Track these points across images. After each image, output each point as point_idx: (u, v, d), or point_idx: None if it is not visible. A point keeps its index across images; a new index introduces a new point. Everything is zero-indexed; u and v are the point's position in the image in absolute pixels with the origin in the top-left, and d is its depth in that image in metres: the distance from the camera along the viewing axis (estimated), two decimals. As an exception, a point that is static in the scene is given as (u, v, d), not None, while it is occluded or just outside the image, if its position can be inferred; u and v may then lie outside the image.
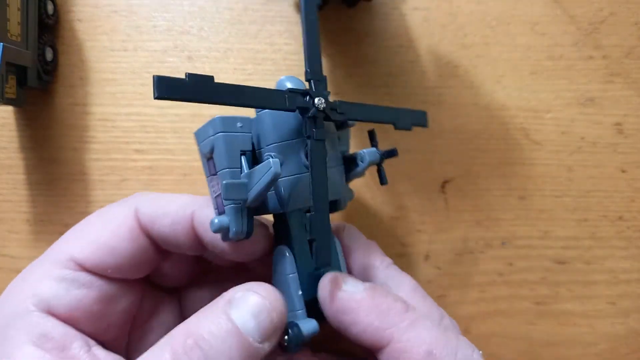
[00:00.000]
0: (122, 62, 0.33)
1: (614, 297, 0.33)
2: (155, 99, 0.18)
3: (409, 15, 0.33)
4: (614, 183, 0.34)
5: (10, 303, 0.21)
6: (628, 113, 0.34)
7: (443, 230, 0.33)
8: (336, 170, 0.24)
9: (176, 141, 0.33)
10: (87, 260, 0.22)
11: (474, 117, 0.33)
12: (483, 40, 0.34)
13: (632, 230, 0.33)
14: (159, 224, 0.23)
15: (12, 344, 0.20)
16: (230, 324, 0.19)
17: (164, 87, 0.18)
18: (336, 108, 0.22)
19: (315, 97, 0.21)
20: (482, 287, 0.33)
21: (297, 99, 0.21)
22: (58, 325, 0.21)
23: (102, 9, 0.33)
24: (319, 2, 0.22)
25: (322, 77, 0.22)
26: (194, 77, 0.19)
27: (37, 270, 0.22)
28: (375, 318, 0.21)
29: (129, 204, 0.23)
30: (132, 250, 0.23)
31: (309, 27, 0.22)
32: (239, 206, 0.21)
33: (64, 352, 0.20)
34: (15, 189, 0.33)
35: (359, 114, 0.24)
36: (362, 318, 0.21)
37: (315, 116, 0.21)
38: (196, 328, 0.19)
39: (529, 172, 0.33)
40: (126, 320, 0.24)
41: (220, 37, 0.33)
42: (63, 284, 0.21)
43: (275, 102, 0.21)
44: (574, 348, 0.33)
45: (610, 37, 0.34)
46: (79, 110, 0.33)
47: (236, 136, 0.21)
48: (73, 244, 0.22)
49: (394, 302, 0.22)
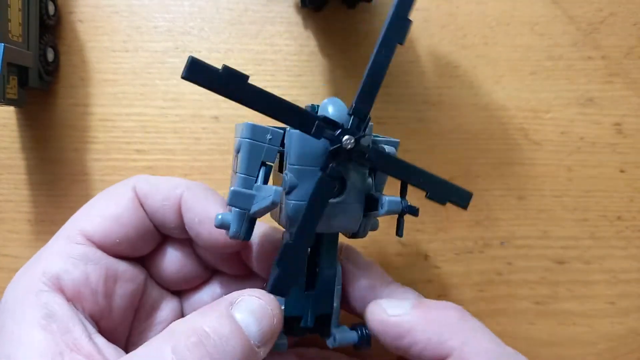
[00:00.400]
0: (122, 63, 0.33)
1: (613, 296, 0.33)
2: (182, 78, 0.18)
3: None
4: (613, 183, 0.34)
5: (22, 280, 0.22)
6: (627, 113, 0.34)
7: (442, 230, 0.33)
8: (355, 207, 0.23)
9: (177, 141, 0.33)
10: (95, 233, 0.23)
11: (474, 117, 0.33)
12: (483, 41, 0.34)
13: (631, 230, 0.34)
14: (152, 199, 0.24)
15: (19, 322, 0.20)
16: (234, 325, 0.19)
17: (195, 71, 0.18)
18: (366, 153, 0.21)
19: (345, 134, 0.20)
20: (482, 287, 0.33)
21: (326, 129, 0.20)
22: (64, 306, 0.21)
23: (103, 9, 0.33)
24: (402, 41, 0.20)
25: (366, 116, 0.20)
26: (228, 70, 0.18)
27: (49, 248, 0.23)
28: (433, 333, 0.21)
29: (129, 182, 0.25)
30: (135, 221, 0.24)
31: (376, 65, 0.20)
32: (243, 213, 0.22)
33: (66, 335, 0.20)
34: (17, 189, 0.33)
35: (389, 168, 0.22)
36: (420, 337, 0.21)
37: (338, 152, 0.20)
38: (199, 325, 0.19)
39: (529, 172, 0.33)
40: (129, 308, 0.24)
41: (220, 38, 0.33)
42: (72, 260, 0.22)
43: (302, 124, 0.20)
44: (574, 348, 0.33)
45: (609, 37, 0.34)
46: (80, 111, 0.33)
47: (262, 147, 0.21)
48: (82, 219, 0.24)
49: (446, 310, 0.22)
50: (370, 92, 0.20)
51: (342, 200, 0.22)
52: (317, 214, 0.20)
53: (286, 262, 0.20)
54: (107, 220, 0.23)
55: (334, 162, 0.20)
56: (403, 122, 0.33)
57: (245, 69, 0.33)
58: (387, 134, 0.33)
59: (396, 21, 0.20)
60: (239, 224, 0.22)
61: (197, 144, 0.33)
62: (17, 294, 0.21)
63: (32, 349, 0.19)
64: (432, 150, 0.33)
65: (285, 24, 0.33)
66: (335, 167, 0.20)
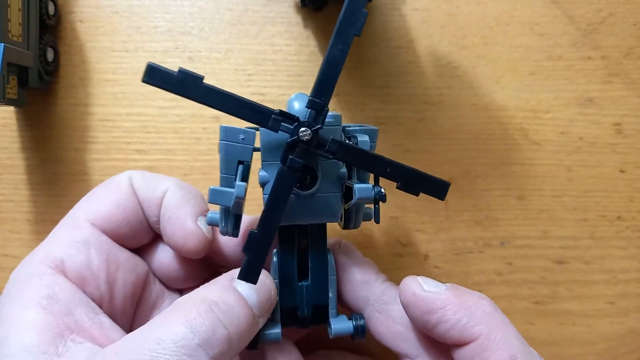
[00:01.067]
0: (123, 63, 0.33)
1: (613, 296, 0.33)
2: (142, 81, 0.19)
3: (409, 16, 0.34)
4: (613, 183, 0.34)
5: (26, 265, 0.22)
6: (627, 113, 0.34)
7: (442, 230, 0.33)
8: (330, 197, 0.23)
9: (177, 141, 0.33)
10: (97, 216, 0.24)
11: (473, 118, 0.33)
12: (482, 41, 0.34)
13: (631, 230, 0.34)
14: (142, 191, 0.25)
15: (20, 303, 0.20)
16: (238, 295, 0.21)
17: (153, 75, 0.19)
18: (325, 144, 0.21)
19: (302, 126, 0.20)
20: (482, 287, 0.33)
21: (283, 122, 0.21)
22: (67, 288, 0.21)
23: (103, 9, 0.33)
24: (358, 33, 0.20)
25: (323, 109, 0.21)
26: (184, 73, 0.20)
27: (53, 235, 0.24)
28: (464, 315, 0.21)
29: (126, 173, 0.26)
30: (133, 207, 0.24)
31: (331, 58, 0.20)
32: (227, 209, 0.23)
33: (68, 317, 0.20)
34: (17, 189, 0.33)
35: (351, 159, 0.21)
36: (450, 316, 0.21)
37: (295, 144, 0.21)
38: (206, 295, 0.20)
39: (528, 172, 0.33)
40: (129, 298, 0.24)
41: (220, 38, 0.33)
42: (76, 245, 0.23)
43: (258, 119, 0.21)
44: (573, 347, 0.33)
45: (609, 37, 0.34)
46: (80, 111, 0.33)
47: (236, 147, 0.22)
48: (84, 205, 0.24)
49: (479, 299, 0.22)
50: (327, 85, 0.20)
51: (315, 191, 0.23)
52: (279, 204, 0.21)
53: (252, 251, 0.20)
54: (108, 205, 0.24)
55: (292, 154, 0.21)
56: (403, 122, 0.33)
57: (245, 69, 0.33)
58: (387, 134, 0.33)
59: (351, 13, 0.20)
60: (225, 220, 0.23)
61: (197, 144, 0.33)
62: (20, 276, 0.22)
63: (29, 329, 0.19)
64: (432, 150, 0.33)
65: (285, 24, 0.33)
66: (294, 159, 0.21)
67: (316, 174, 0.23)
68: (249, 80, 0.33)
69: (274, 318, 0.24)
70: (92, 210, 0.24)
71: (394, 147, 0.33)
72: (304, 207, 0.23)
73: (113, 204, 0.24)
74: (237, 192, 0.21)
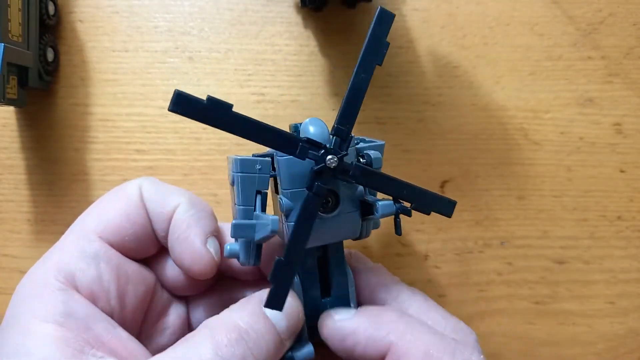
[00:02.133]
0: (123, 63, 0.33)
1: (613, 296, 0.33)
2: (169, 110, 0.19)
3: (409, 16, 0.34)
4: (613, 183, 0.34)
5: (36, 276, 0.22)
6: (627, 113, 0.34)
7: (442, 230, 0.33)
8: (352, 215, 0.24)
9: (177, 141, 0.33)
10: (106, 229, 0.23)
11: (473, 118, 0.33)
12: (482, 41, 0.34)
13: (631, 230, 0.34)
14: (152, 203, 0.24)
15: (36, 317, 0.20)
16: (267, 321, 0.21)
17: (181, 103, 0.19)
18: (349, 170, 0.21)
19: (328, 154, 0.21)
20: (482, 287, 0.33)
21: (310, 150, 0.21)
22: (82, 304, 0.21)
23: (103, 9, 0.33)
24: (380, 63, 0.21)
25: (348, 136, 0.21)
26: (212, 101, 0.19)
27: (62, 244, 0.23)
28: (373, 330, 0.22)
29: (137, 180, 0.25)
30: (142, 220, 0.24)
31: (355, 87, 0.21)
32: (249, 241, 0.23)
33: (87, 333, 0.20)
34: (17, 189, 0.33)
35: (372, 183, 0.22)
36: (361, 335, 0.22)
37: (322, 172, 0.21)
38: (236, 322, 0.20)
39: (528, 172, 0.33)
40: (138, 310, 0.24)
41: (220, 38, 0.33)
42: (86, 259, 0.22)
43: (287, 147, 0.21)
44: (573, 347, 0.33)
45: (609, 37, 0.34)
46: (80, 111, 0.33)
47: (253, 177, 0.22)
48: (93, 216, 0.24)
49: (385, 311, 0.23)
50: (351, 112, 0.21)
51: (339, 212, 0.23)
52: (306, 231, 0.21)
53: (278, 278, 0.20)
54: (117, 217, 0.23)
55: (319, 181, 0.21)
56: (403, 122, 0.33)
57: (246, 69, 0.33)
58: (387, 134, 0.33)
59: (373, 43, 0.21)
60: (246, 252, 0.23)
61: (197, 144, 0.33)
62: (32, 288, 0.21)
63: (50, 343, 0.19)
64: (432, 150, 0.33)
65: (285, 24, 0.33)
66: (320, 185, 0.21)
67: (338, 197, 0.23)
68: (249, 80, 0.33)
69: (301, 336, 0.24)
70: (100, 222, 0.23)
71: (394, 147, 0.33)
72: (326, 229, 0.23)
73: (122, 217, 0.24)
74: (273, 226, 0.21)
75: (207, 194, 0.33)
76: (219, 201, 0.33)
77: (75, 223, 0.24)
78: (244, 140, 0.33)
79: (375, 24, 0.21)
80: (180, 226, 0.24)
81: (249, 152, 0.33)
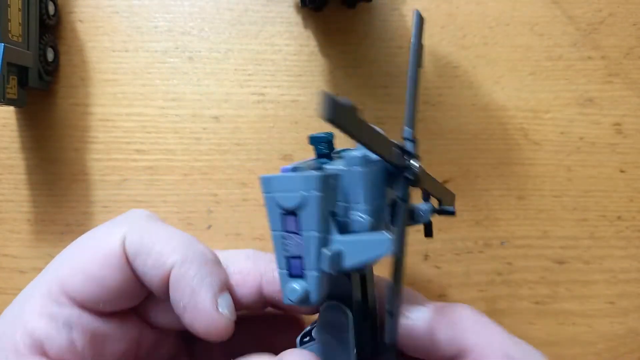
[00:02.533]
0: (123, 63, 0.33)
1: (613, 296, 0.33)
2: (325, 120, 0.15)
3: (409, 16, 0.34)
4: (613, 183, 0.34)
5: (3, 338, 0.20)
6: (627, 113, 0.34)
7: (442, 230, 0.33)
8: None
9: (177, 141, 0.33)
10: (79, 294, 0.21)
11: (473, 118, 0.33)
12: (482, 41, 0.34)
13: (631, 230, 0.34)
14: (141, 261, 0.21)
15: None
16: None
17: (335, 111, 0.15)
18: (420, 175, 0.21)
19: (412, 158, 0.19)
20: (482, 287, 0.33)
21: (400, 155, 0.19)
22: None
23: (103, 9, 0.33)
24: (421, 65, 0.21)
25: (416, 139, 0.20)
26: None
27: (29, 304, 0.21)
28: (450, 329, 0.21)
29: (119, 230, 0.22)
30: (121, 282, 0.21)
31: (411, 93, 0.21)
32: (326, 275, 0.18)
33: None
34: (17, 189, 0.33)
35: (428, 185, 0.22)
36: (439, 335, 0.21)
37: (409, 177, 0.19)
38: None
39: (528, 172, 0.33)
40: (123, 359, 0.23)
41: (220, 38, 0.33)
42: (55, 323, 0.20)
43: (390, 153, 0.19)
44: (573, 347, 0.33)
45: (609, 37, 0.34)
46: (80, 111, 0.33)
47: (330, 197, 0.18)
48: (64, 273, 0.21)
49: (462, 309, 0.22)
50: (414, 112, 0.21)
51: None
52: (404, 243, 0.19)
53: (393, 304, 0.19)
54: (90, 281, 0.21)
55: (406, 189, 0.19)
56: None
57: (246, 69, 0.33)
58: (387, 134, 0.33)
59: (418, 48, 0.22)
60: (320, 291, 0.18)
61: (197, 144, 0.33)
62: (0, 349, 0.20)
63: None
64: (432, 150, 0.33)
65: (285, 24, 0.33)
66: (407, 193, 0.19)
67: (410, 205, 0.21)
68: (249, 80, 0.33)
69: None
70: (72, 283, 0.21)
71: (394, 147, 0.33)
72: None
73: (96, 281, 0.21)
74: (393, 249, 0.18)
75: (207, 194, 0.33)
76: (218, 201, 0.33)
77: (46, 276, 0.22)
78: (243, 141, 0.33)
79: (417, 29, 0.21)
80: (184, 292, 0.21)
81: (249, 152, 0.33)
